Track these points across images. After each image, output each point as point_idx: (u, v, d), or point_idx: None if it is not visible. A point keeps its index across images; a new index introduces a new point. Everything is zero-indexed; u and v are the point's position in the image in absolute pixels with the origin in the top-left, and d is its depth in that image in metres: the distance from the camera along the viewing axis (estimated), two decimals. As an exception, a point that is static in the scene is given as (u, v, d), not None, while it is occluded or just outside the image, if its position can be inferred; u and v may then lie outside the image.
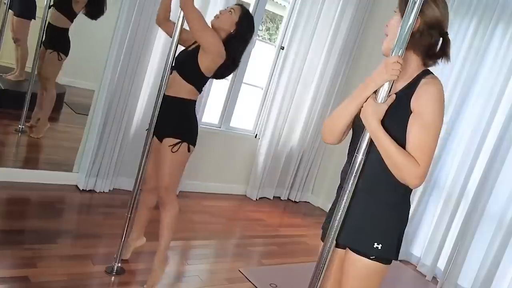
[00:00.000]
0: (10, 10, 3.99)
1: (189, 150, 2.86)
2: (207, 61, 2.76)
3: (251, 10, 4.70)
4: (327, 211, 5.68)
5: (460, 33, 4.43)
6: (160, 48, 4.08)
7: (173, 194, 2.96)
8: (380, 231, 1.88)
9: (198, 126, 2.99)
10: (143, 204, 3.13)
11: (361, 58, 5.35)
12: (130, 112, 4.09)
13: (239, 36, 2.86)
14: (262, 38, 6.00)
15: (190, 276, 3.33)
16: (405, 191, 1.89)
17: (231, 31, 2.85)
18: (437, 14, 1.79)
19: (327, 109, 5.32)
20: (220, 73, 2.92)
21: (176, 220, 3.00)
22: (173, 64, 2.82)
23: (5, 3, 3.99)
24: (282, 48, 5.02)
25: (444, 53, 1.83)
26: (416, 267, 4.61)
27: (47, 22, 4.07)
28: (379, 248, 1.86)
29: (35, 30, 4.07)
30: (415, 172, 1.73)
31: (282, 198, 5.47)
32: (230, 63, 2.87)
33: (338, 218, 1.90)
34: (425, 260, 4.56)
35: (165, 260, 3.05)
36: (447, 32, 1.84)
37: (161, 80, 2.82)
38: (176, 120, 2.86)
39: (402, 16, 1.80)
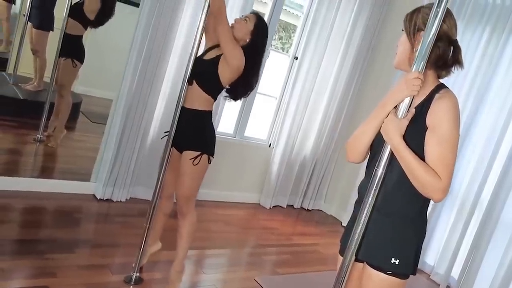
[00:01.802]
0: (29, 22, 4.07)
1: (209, 162, 2.90)
2: (228, 72, 2.79)
3: (266, 20, 4.75)
4: (340, 220, 5.65)
5: (473, 41, 4.44)
6: (177, 58, 4.13)
7: (192, 204, 3.00)
8: (397, 246, 1.89)
9: (216, 136, 3.01)
10: (160, 210, 3.15)
11: (374, 67, 5.37)
12: (147, 122, 4.13)
13: (254, 45, 2.88)
14: (275, 48, 6.02)
15: (206, 286, 3.36)
16: (422, 206, 1.90)
17: (247, 40, 2.87)
18: (443, 27, 1.80)
19: (340, 118, 5.35)
20: (235, 90, 2.95)
21: (194, 230, 3.04)
22: (190, 75, 2.84)
23: (24, 15, 4.07)
24: (296, 58, 5.06)
25: (455, 60, 1.85)
26: (430, 275, 4.61)
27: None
28: (396, 263, 1.87)
29: (53, 41, 4.12)
30: (437, 186, 1.74)
31: (295, 206, 5.49)
32: (246, 75, 2.88)
33: (358, 232, 1.91)
34: (439, 268, 4.55)
35: (182, 269, 3.08)
36: (456, 40, 1.85)
37: (180, 91, 2.86)
38: (195, 133, 2.89)
39: (407, 34, 1.88)
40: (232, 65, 2.76)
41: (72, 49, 4.19)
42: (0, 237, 3.10)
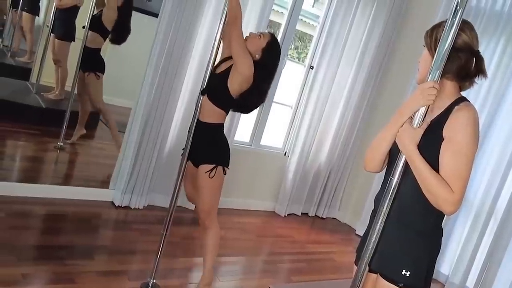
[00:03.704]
0: (51, 33, 4.17)
1: (224, 173, 2.94)
2: (237, 83, 2.82)
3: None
4: (354, 228, 5.62)
5: (488, 51, 4.41)
6: (195, 67, 4.19)
7: (214, 216, 3.03)
8: (409, 258, 1.90)
9: (230, 147, 3.03)
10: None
11: (388, 77, 5.38)
12: (166, 129, 4.19)
13: (264, 63, 2.88)
14: (291, 57, 6.08)
15: (223, 293, 3.40)
16: (436, 219, 1.91)
17: (257, 56, 2.88)
18: (464, 39, 1.82)
19: (355, 127, 5.36)
20: (245, 102, 2.97)
21: (218, 241, 3.08)
22: (203, 89, 2.88)
23: (47, 26, 4.17)
24: (312, 67, 5.10)
25: (479, 70, 1.84)
26: (444, 285, 4.57)
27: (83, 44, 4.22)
28: (407, 275, 1.88)
29: (74, 50, 4.22)
30: (449, 198, 1.74)
31: (309, 214, 5.49)
32: (255, 90, 2.90)
33: (372, 242, 1.93)
34: (454, 278, 4.52)
35: (210, 282, 3.11)
36: (478, 51, 1.86)
37: (196, 104, 2.92)
38: (208, 146, 2.93)
39: (429, 49, 1.89)
40: (243, 73, 2.78)
41: (92, 63, 4.28)
42: (21, 243, 3.17)
